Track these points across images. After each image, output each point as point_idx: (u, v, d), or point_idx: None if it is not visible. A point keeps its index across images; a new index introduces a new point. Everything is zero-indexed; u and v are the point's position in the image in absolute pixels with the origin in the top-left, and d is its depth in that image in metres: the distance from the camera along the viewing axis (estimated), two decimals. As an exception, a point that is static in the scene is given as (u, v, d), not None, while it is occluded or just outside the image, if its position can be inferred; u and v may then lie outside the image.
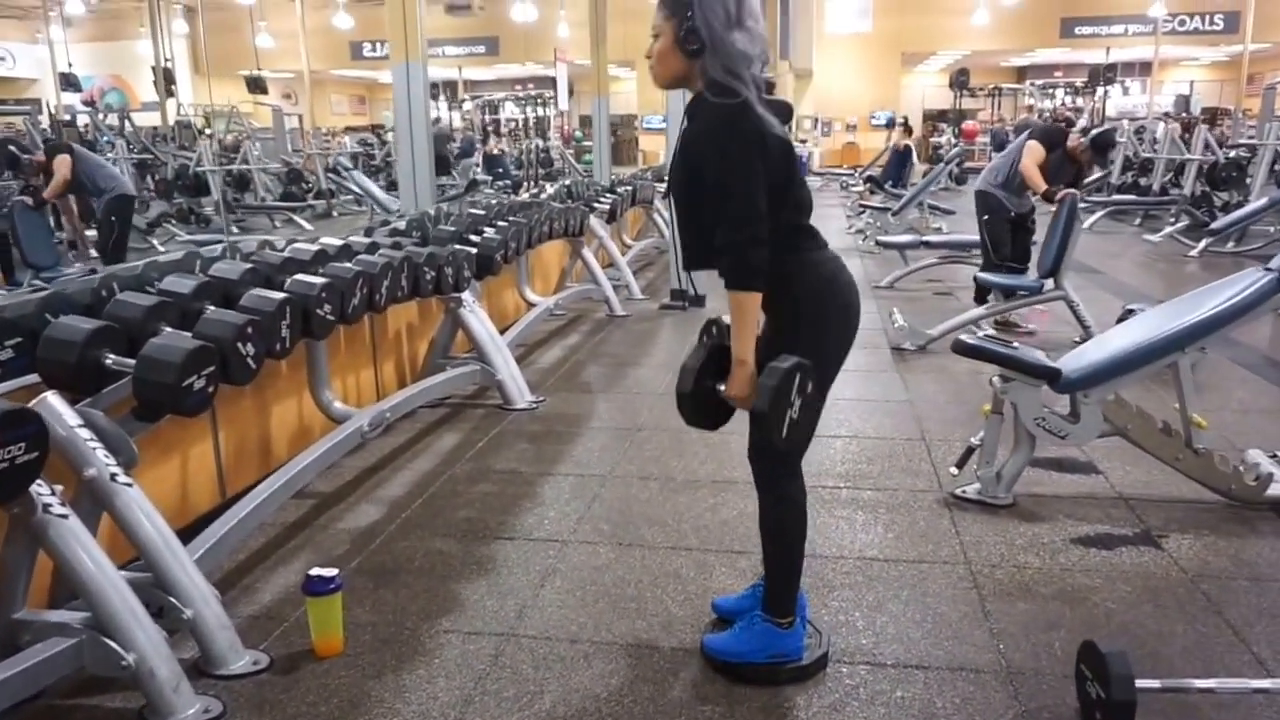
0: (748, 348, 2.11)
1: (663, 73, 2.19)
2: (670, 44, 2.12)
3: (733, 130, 2.06)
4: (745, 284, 2.09)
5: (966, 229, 11.03)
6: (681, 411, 2.25)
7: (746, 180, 2.06)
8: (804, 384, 2.11)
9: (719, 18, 2.06)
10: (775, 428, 2.09)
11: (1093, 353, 3.44)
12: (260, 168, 13.90)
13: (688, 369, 2.22)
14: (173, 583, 2.50)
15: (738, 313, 2.11)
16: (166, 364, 2.58)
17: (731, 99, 2.07)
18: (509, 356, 4.97)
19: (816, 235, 2.26)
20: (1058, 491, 3.58)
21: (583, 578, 2.99)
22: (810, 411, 2.16)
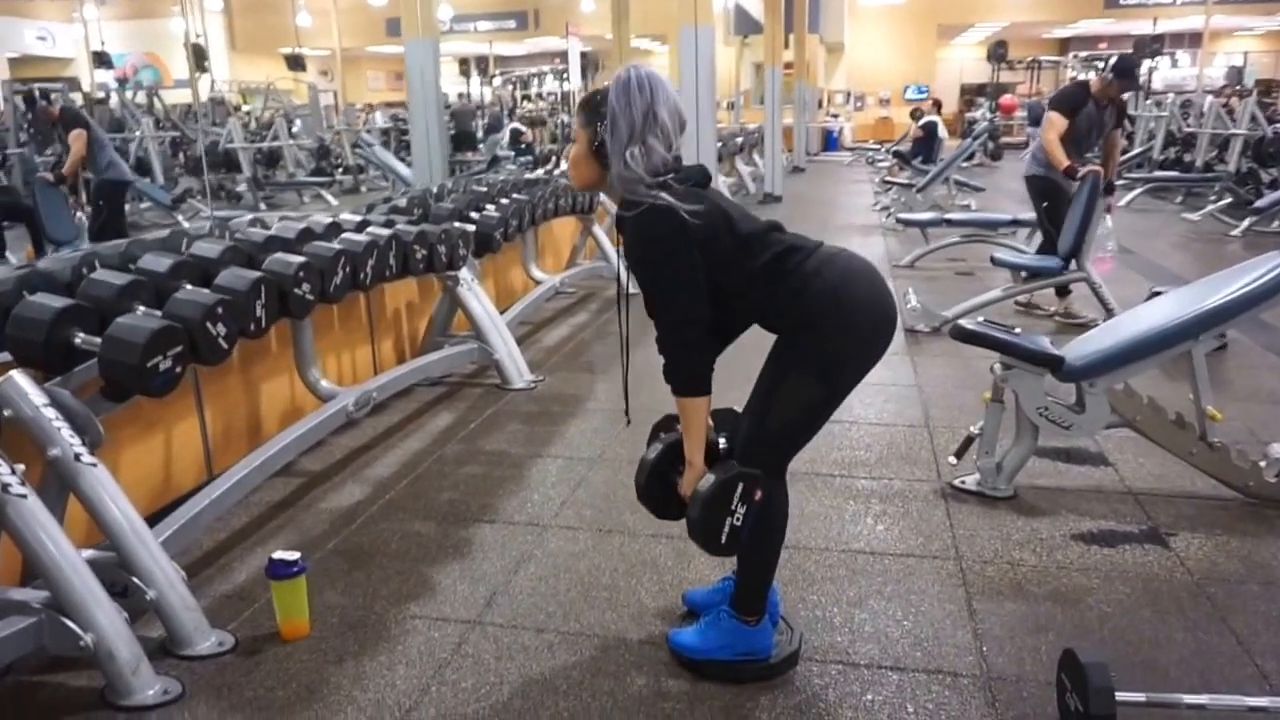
0: (695, 450, 2.13)
1: (577, 177, 2.19)
2: (584, 152, 2.10)
3: (647, 238, 2.04)
4: (681, 389, 2.10)
5: (996, 206, 10.85)
6: (641, 500, 2.33)
7: (673, 285, 2.04)
8: (750, 491, 2.10)
9: (623, 135, 2.01)
10: (709, 538, 2.11)
11: (1099, 339, 3.29)
12: (290, 143, 13.91)
13: (644, 463, 2.28)
14: (137, 563, 2.46)
15: (683, 416, 2.13)
16: (130, 344, 2.53)
17: (638, 206, 2.01)
18: (508, 336, 4.90)
19: (800, 243, 2.14)
20: (1062, 484, 3.45)
21: (558, 564, 2.92)
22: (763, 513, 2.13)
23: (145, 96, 15.14)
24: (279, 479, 3.62)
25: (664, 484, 2.25)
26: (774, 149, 13.34)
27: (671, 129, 2.04)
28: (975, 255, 7.87)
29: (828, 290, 2.06)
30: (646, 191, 2.01)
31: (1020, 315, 5.99)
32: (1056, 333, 5.58)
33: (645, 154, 2.01)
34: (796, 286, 2.07)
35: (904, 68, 25.65)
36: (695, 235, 2.01)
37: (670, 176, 2.04)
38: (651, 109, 2.00)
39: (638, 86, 2.00)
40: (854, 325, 2.09)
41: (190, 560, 3.02)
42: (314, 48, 24.77)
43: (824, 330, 2.08)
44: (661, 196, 2.00)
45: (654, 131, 2.01)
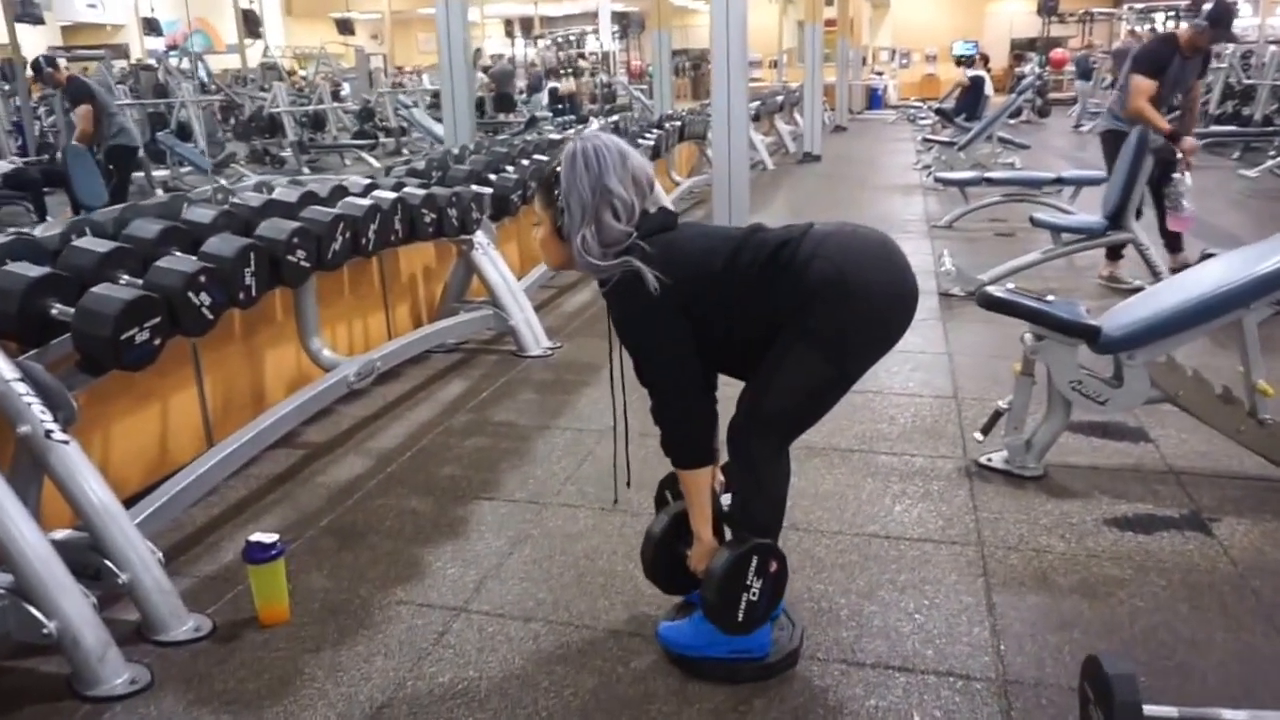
0: (702, 523, 2.06)
1: (549, 258, 2.11)
2: (549, 234, 2.02)
3: (625, 310, 1.96)
4: (684, 462, 2.03)
5: (1042, 164, 10.44)
6: (649, 578, 2.26)
7: (659, 354, 1.98)
8: (764, 564, 1.99)
9: (576, 215, 1.92)
10: (726, 616, 2.00)
11: (1140, 308, 3.06)
12: (334, 107, 13.84)
13: (649, 539, 2.18)
14: (110, 545, 2.36)
15: (685, 489, 2.07)
16: (102, 316, 2.42)
17: (609, 280, 1.92)
18: (525, 302, 4.75)
19: (786, 239, 1.96)
20: (1096, 462, 3.23)
21: (554, 546, 2.78)
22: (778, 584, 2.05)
23: (190, 62, 15.14)
24: (281, 450, 3.53)
25: (672, 556, 2.18)
26: (814, 107, 12.98)
27: (629, 196, 1.94)
28: (1017, 215, 7.53)
29: (831, 269, 1.89)
30: (608, 266, 1.92)
31: (1104, 288, 5.64)
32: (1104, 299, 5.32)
33: (598, 231, 1.92)
34: (795, 277, 1.91)
35: (951, 23, 24.90)
36: (675, 293, 1.89)
37: (634, 236, 1.92)
38: (601, 183, 1.91)
39: (584, 162, 1.91)
40: (863, 302, 1.90)
41: (181, 537, 2.94)
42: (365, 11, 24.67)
43: (830, 308, 1.89)
44: (629, 262, 1.89)
45: (607, 206, 1.91)
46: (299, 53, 21.00)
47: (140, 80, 13.76)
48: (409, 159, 5.71)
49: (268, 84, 15.07)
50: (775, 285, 1.92)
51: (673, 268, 1.89)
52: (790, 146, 13.69)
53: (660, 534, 2.18)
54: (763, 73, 23.30)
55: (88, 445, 2.98)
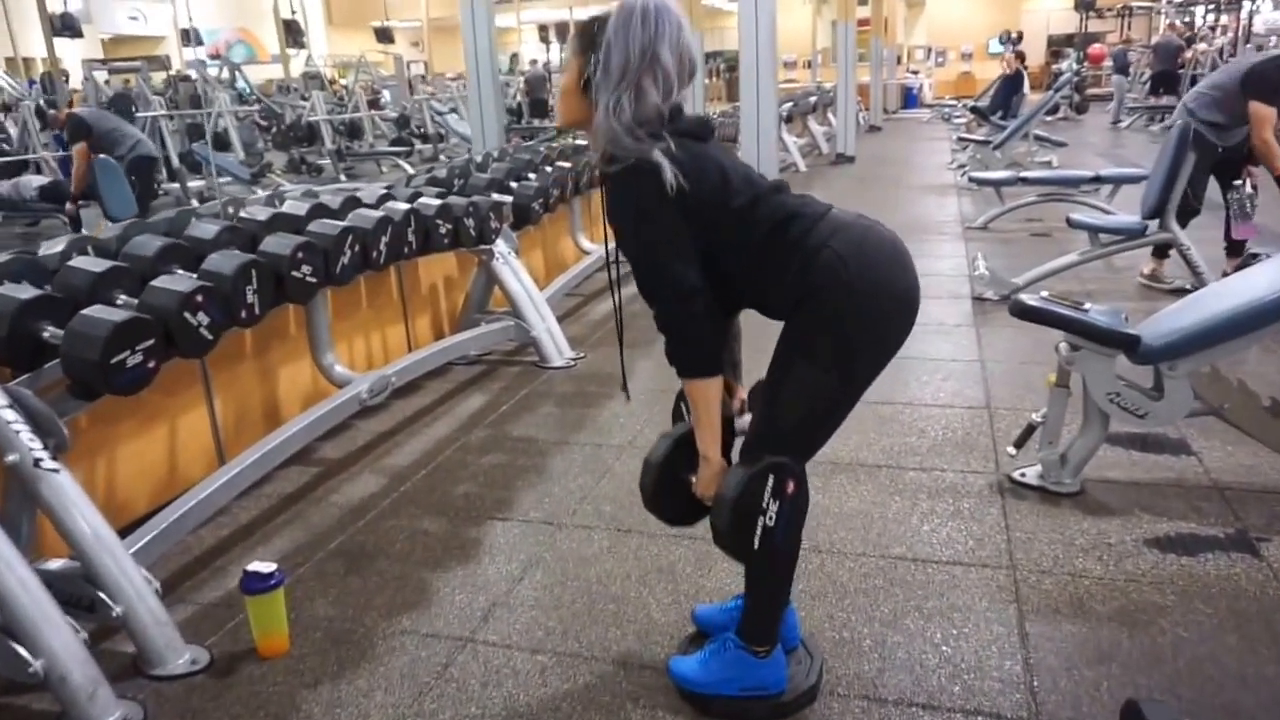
0: (711, 442, 1.85)
1: (563, 112, 1.87)
2: (573, 85, 1.80)
3: (629, 201, 1.76)
4: (689, 370, 1.81)
5: (1079, 163, 10.18)
6: (648, 507, 2.02)
7: (662, 254, 1.76)
8: (781, 485, 1.80)
9: (614, 74, 1.71)
10: (740, 544, 1.84)
11: (1182, 315, 2.89)
12: (370, 115, 13.90)
13: (649, 466, 1.97)
14: (103, 576, 2.29)
15: (693, 403, 1.85)
16: (90, 339, 2.36)
17: (620, 163, 1.72)
18: (547, 312, 4.67)
19: (807, 206, 1.83)
20: (1136, 477, 3.07)
21: (567, 570, 2.68)
22: (796, 508, 1.86)
23: (228, 73, 15.28)
24: (295, 467, 3.48)
25: (675, 486, 1.96)
26: (847, 107, 12.79)
27: (674, 75, 1.74)
28: (1054, 215, 7.33)
29: (837, 264, 1.75)
30: (632, 146, 1.71)
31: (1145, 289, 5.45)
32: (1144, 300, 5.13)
33: (635, 100, 1.71)
34: (801, 261, 1.77)
35: (987, 20, 24.51)
36: (685, 202, 1.72)
37: (665, 128, 1.73)
38: (653, 48, 1.70)
39: (640, 19, 1.70)
40: (868, 306, 1.77)
41: (187, 560, 2.88)
42: (404, 20, 24.84)
43: (833, 311, 1.77)
44: (649, 153, 1.70)
45: (652, 74, 1.71)
46: (340, 61, 21.13)
47: (179, 91, 13.88)
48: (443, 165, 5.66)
49: (308, 93, 15.22)
50: (780, 259, 1.78)
51: (694, 181, 1.72)
52: (824, 147, 13.51)
53: (662, 459, 1.95)
54: (797, 73, 23.10)
55: (92, 469, 2.96)
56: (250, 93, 14.25)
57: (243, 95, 13.76)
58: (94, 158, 6.55)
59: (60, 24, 10.22)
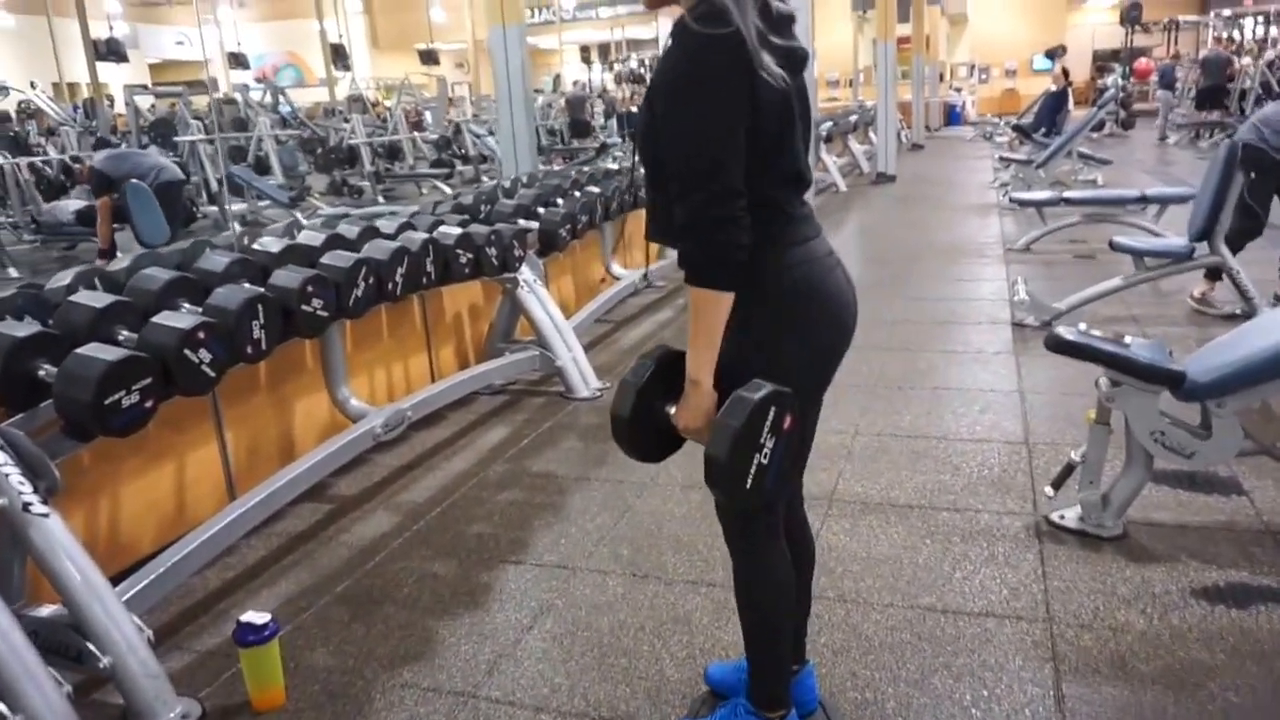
0: (705, 363, 1.60)
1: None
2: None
3: (710, 66, 1.51)
4: (710, 279, 1.56)
5: (1126, 181, 9.91)
6: (618, 439, 1.73)
7: (718, 138, 1.52)
8: (780, 418, 1.60)
9: None
10: (735, 481, 1.58)
11: (1231, 349, 2.71)
12: (411, 137, 14.01)
13: (628, 385, 1.69)
14: (92, 626, 2.21)
15: (697, 316, 1.59)
16: (84, 379, 2.29)
17: (720, 26, 1.49)
18: (573, 341, 4.57)
19: (805, 221, 1.70)
20: (1183, 519, 2.89)
21: (579, 619, 2.57)
22: (789, 449, 1.64)
23: (271, 96, 15.52)
24: (309, 504, 3.41)
25: (650, 417, 1.71)
26: (887, 126, 12.63)
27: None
28: (1098, 236, 7.10)
29: (793, 293, 1.65)
30: (737, 2, 1.49)
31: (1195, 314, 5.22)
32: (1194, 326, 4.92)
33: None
34: (770, 266, 1.63)
35: (1031, 36, 24.15)
36: (749, 106, 1.52)
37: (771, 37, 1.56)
38: None
39: None
40: (800, 337, 1.67)
41: (190, 603, 2.82)
42: (449, 42, 25.14)
43: (769, 330, 1.65)
44: (749, 36, 1.50)
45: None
46: (384, 84, 21.41)
47: (222, 114, 14.10)
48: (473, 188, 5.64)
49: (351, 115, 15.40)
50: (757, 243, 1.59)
51: (760, 106, 1.54)
52: (864, 166, 13.33)
53: (643, 383, 1.68)
54: (840, 91, 22.95)
55: (94, 507, 2.91)
56: (293, 115, 14.41)
57: (285, 118, 13.91)
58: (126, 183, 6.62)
59: (105, 49, 10.40)
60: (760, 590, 1.82)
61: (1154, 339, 2.90)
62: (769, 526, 1.78)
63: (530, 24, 26.26)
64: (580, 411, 4.31)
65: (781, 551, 1.80)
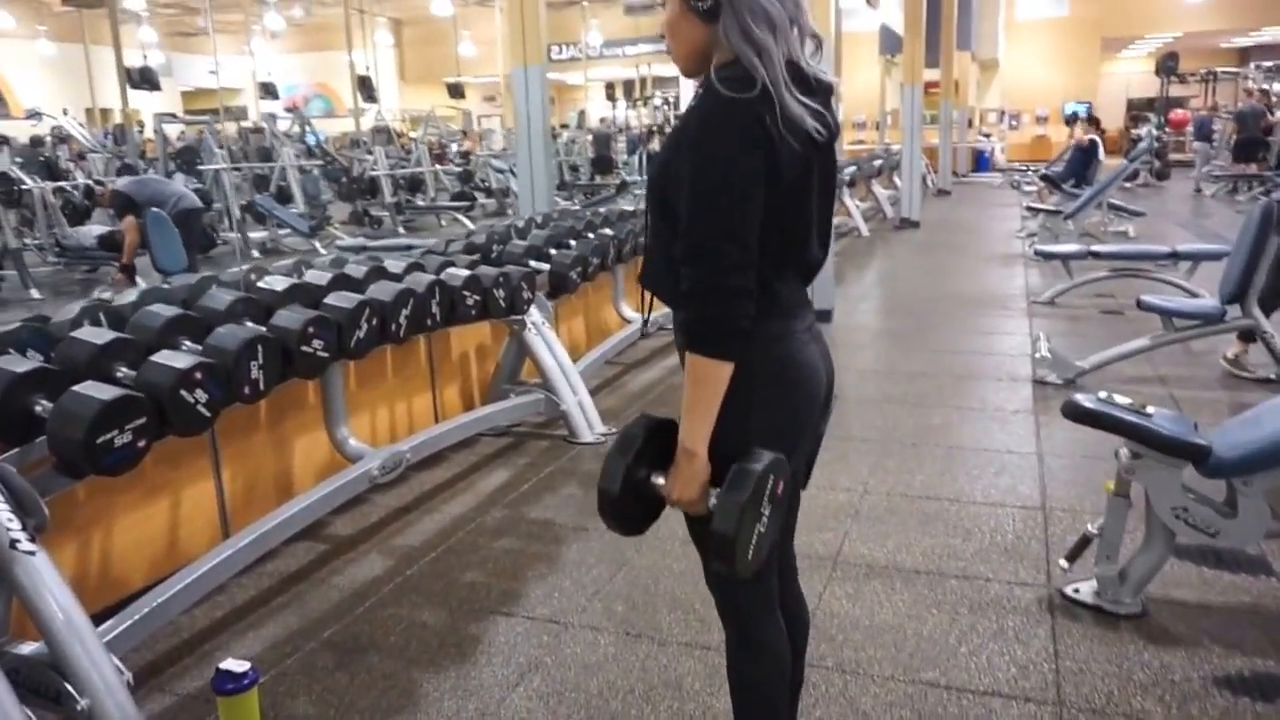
0: (702, 435, 1.53)
1: (679, 50, 1.59)
2: (679, 7, 1.54)
3: (731, 132, 1.46)
4: (713, 349, 1.50)
5: (1158, 234, 9.78)
6: (603, 513, 1.65)
7: (734, 206, 1.47)
8: (776, 486, 1.53)
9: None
10: (739, 555, 1.51)
11: (1260, 424, 2.60)
12: (433, 170, 14.12)
13: (616, 460, 1.61)
14: (71, 666, 2.16)
15: (696, 385, 1.53)
16: (77, 418, 2.26)
17: (747, 90, 1.45)
18: (579, 385, 4.51)
19: (793, 298, 1.63)
20: (1206, 599, 2.76)
21: (566, 680, 2.48)
22: (780, 515, 1.58)
23: (298, 126, 15.72)
24: (304, 543, 3.35)
25: (637, 490, 1.63)
26: (912, 172, 12.56)
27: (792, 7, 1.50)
28: (1127, 291, 6.99)
29: (761, 367, 1.57)
30: (774, 63, 1.45)
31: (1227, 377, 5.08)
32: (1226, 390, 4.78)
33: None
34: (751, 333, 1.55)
35: (1064, 83, 24.09)
36: (777, 160, 1.47)
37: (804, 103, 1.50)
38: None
39: None
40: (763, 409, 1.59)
41: (176, 643, 2.76)
42: (479, 75, 25.44)
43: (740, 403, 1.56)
44: (780, 98, 1.45)
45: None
46: (412, 116, 21.62)
47: (249, 142, 14.27)
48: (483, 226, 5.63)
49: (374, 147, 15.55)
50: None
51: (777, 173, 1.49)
52: (888, 211, 13.27)
53: (631, 456, 1.60)
54: (866, 134, 22.96)
55: (87, 541, 2.86)
56: (319, 145, 14.56)
57: (310, 149, 14.06)
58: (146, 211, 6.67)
59: (139, 77, 10.56)
60: (753, 664, 1.73)
61: (1178, 410, 2.79)
62: (764, 596, 1.70)
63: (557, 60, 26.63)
64: (583, 457, 4.23)
65: (777, 623, 1.72)
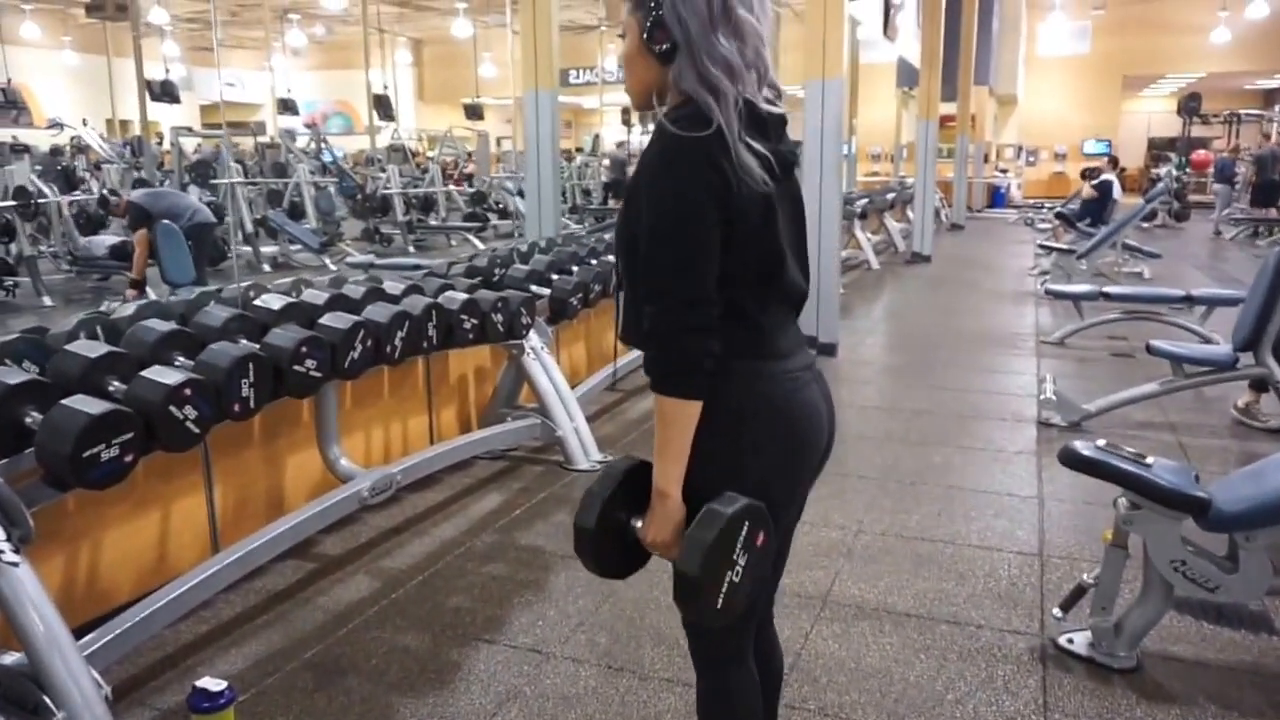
0: (674, 476, 1.51)
1: (632, 85, 1.59)
2: (636, 44, 1.53)
3: (684, 170, 1.45)
4: (676, 387, 1.49)
5: (1175, 276, 9.71)
6: (580, 552, 1.63)
7: (690, 243, 1.45)
8: (753, 534, 1.49)
9: (698, 7, 1.46)
10: (705, 598, 1.48)
11: (1264, 478, 2.56)
12: (446, 190, 14.19)
13: (593, 496, 1.60)
14: (50, 679, 2.18)
15: (664, 425, 1.51)
16: (64, 431, 2.26)
17: (699, 129, 1.44)
18: (576, 411, 4.48)
19: (781, 333, 1.59)
20: (1205, 656, 2.70)
21: (544, 711, 2.44)
22: (760, 568, 1.53)
23: (315, 143, 15.84)
24: (292, 561, 3.34)
25: (616, 530, 1.61)
26: (924, 206, 12.54)
27: (750, 36, 1.48)
28: (1139, 334, 6.93)
29: (754, 412, 1.54)
30: (727, 103, 1.44)
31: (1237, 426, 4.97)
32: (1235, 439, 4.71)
33: (734, 35, 1.46)
34: (735, 382, 1.53)
35: (1084, 121, 24.05)
36: (727, 213, 1.46)
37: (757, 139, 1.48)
38: (725, 2, 1.46)
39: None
40: (762, 456, 1.56)
41: (158, 657, 2.75)
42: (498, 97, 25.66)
43: (728, 449, 1.54)
44: (731, 137, 1.44)
45: (746, 6, 1.47)
46: (429, 135, 21.75)
47: (264, 157, 14.36)
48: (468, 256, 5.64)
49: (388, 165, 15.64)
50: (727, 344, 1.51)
51: (742, 215, 1.47)
52: (900, 245, 13.24)
53: (609, 494, 1.59)
54: (881, 165, 22.98)
55: (75, 553, 2.85)
56: (334, 163, 14.66)
57: (326, 165, 14.15)
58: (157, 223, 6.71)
59: (160, 90, 10.66)
60: (724, 715, 1.69)
61: (1185, 459, 2.74)
62: (737, 649, 1.66)
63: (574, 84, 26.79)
64: (578, 484, 4.19)
65: (749, 674, 1.68)
